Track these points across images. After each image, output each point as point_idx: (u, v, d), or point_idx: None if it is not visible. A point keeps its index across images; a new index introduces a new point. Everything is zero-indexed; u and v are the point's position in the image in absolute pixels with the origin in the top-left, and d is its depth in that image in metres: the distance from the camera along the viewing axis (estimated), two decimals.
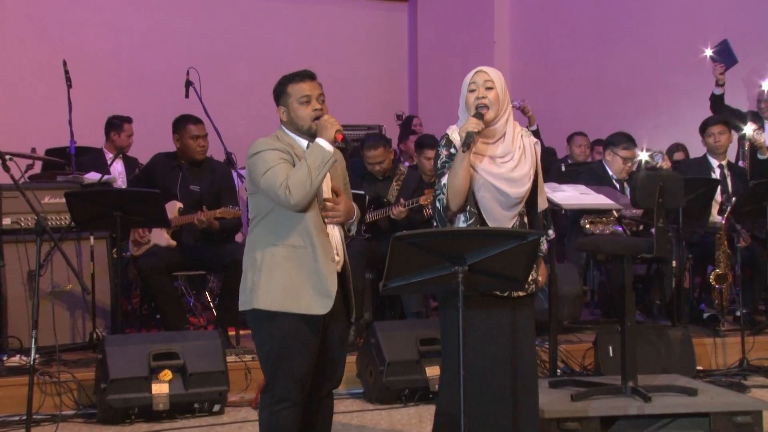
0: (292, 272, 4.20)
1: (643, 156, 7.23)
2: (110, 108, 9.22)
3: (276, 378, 4.25)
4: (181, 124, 7.34)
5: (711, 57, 9.59)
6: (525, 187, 4.35)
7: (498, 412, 4.40)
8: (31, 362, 4.97)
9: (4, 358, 6.54)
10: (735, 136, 8.37)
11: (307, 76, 4.33)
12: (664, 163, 7.14)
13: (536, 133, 8.03)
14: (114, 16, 11.92)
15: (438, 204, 4.38)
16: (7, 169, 5.33)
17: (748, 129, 7.77)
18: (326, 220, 4.26)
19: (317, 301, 4.18)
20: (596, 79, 11.82)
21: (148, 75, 11.28)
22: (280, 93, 4.35)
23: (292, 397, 4.24)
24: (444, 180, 4.31)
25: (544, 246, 4.49)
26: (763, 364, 7.08)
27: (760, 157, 7.77)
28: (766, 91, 9.54)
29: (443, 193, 4.31)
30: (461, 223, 4.37)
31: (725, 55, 9.78)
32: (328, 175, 4.30)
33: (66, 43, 10.52)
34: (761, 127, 8.06)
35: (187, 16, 12.35)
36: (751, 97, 9.78)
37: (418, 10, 13.84)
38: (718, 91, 8.91)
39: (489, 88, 4.30)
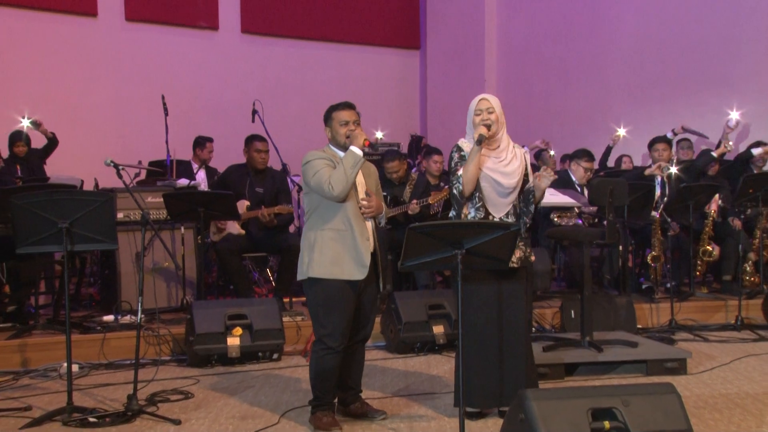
0: (337, 249, 4.30)
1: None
2: (196, 130, 9.25)
3: (324, 330, 4.33)
4: (249, 141, 7.40)
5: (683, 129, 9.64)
6: (515, 179, 4.45)
7: (491, 361, 4.45)
8: (138, 320, 4.99)
9: (119, 317, 6.62)
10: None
11: (347, 105, 4.44)
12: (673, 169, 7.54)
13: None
14: (199, 60, 11.96)
15: (455, 191, 4.50)
16: (120, 176, 5.36)
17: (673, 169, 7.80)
18: (363, 213, 4.34)
19: (356, 270, 4.28)
20: (563, 107, 11.79)
21: (224, 106, 11.32)
22: (327, 117, 4.48)
23: (335, 346, 4.31)
24: (460, 172, 4.44)
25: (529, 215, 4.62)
26: (686, 323, 7.08)
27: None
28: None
29: (459, 182, 4.44)
30: (471, 207, 4.50)
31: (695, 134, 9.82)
32: (364, 180, 4.42)
33: (163, 81, 10.55)
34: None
35: (254, 60, 12.37)
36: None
37: (427, 56, 13.84)
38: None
39: (491, 112, 4.44)
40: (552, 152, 10.39)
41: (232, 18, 12.35)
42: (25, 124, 8.93)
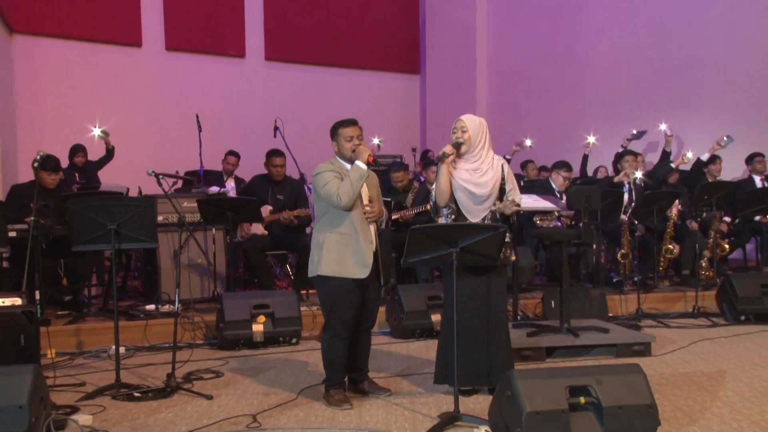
0: (342, 250, 4.30)
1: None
2: (226, 145, 9.26)
3: (331, 321, 4.35)
4: (268, 156, 7.44)
5: (633, 134, 9.68)
6: (488, 189, 4.42)
7: (480, 344, 4.44)
8: (176, 309, 5.00)
9: (159, 306, 6.64)
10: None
11: (351, 122, 4.44)
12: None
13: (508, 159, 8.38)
14: (228, 84, 11.99)
15: (431, 201, 4.56)
16: (160, 185, 5.38)
17: (639, 173, 7.83)
18: (366, 218, 4.34)
19: (359, 269, 4.28)
20: (545, 123, 11.78)
21: (250, 123, 11.32)
22: (333, 132, 4.47)
23: (342, 333, 4.33)
24: (433, 186, 4.49)
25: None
26: (651, 312, 7.06)
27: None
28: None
29: (432, 194, 4.51)
30: (444, 214, 4.50)
31: (639, 136, 9.85)
32: (366, 188, 4.41)
33: (197, 102, 10.55)
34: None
35: (275, 83, 12.39)
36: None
37: (426, 79, 13.85)
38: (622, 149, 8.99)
39: (464, 131, 4.42)
40: (528, 143, 10.50)
41: (257, 47, 12.38)
42: (96, 132, 8.95)
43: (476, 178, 4.41)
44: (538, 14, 12.25)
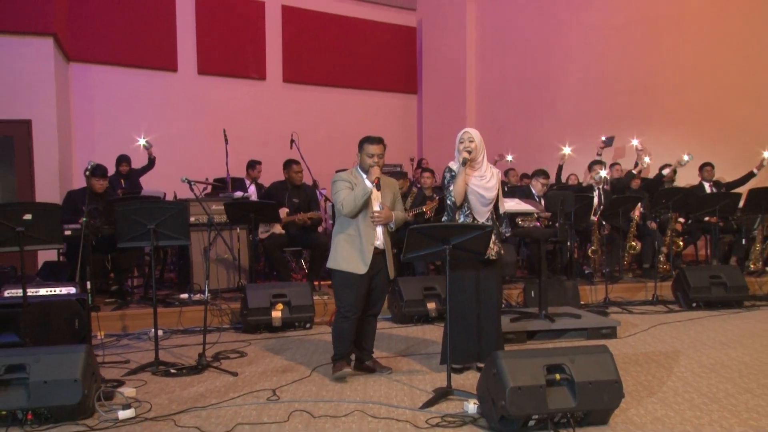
0: (348, 248, 4.32)
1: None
2: (248, 155, 9.27)
3: (341, 304, 4.36)
4: (288, 165, 7.39)
5: (603, 141, 9.65)
6: (493, 193, 4.46)
7: (471, 329, 4.45)
8: (206, 298, 5.02)
9: (191, 295, 6.64)
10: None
11: (377, 140, 4.39)
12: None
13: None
14: (251, 102, 11.97)
15: (449, 201, 4.50)
16: (192, 190, 5.38)
17: (603, 173, 7.83)
18: (373, 222, 4.33)
19: (359, 266, 4.30)
20: (525, 138, 11.77)
21: (269, 136, 11.31)
22: (360, 146, 4.42)
23: (349, 315, 4.34)
24: (451, 188, 4.44)
25: (508, 233, 4.65)
26: (617, 300, 7.07)
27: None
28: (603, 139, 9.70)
29: (451, 195, 4.44)
30: (461, 215, 4.49)
31: (609, 141, 9.83)
32: (380, 195, 4.36)
33: (224, 118, 10.55)
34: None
35: (292, 102, 12.37)
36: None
37: (422, 99, 13.84)
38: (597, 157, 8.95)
39: (471, 141, 4.41)
40: (509, 158, 10.47)
41: (276, 71, 12.37)
42: (141, 142, 8.95)
43: (484, 183, 4.43)
44: (518, 44, 12.24)
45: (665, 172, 8.67)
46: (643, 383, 4.26)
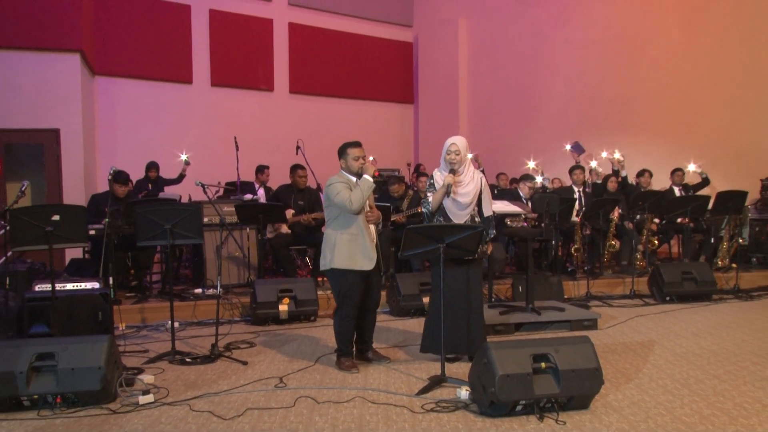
0: (352, 247, 4.26)
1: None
2: (257, 160, 9.24)
3: (342, 304, 4.33)
4: (294, 169, 7.41)
5: (570, 149, 9.64)
6: (469, 198, 4.41)
7: (460, 321, 4.44)
8: (218, 292, 5.01)
9: (205, 290, 6.64)
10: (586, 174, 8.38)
11: (357, 144, 4.38)
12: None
13: (483, 171, 8.22)
14: (260, 111, 11.97)
15: (424, 209, 4.51)
16: (206, 193, 5.38)
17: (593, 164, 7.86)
18: (368, 221, 4.32)
19: (366, 262, 4.26)
20: (513, 145, 11.76)
21: (277, 143, 11.25)
22: (341, 151, 4.40)
23: (350, 314, 4.31)
24: (429, 197, 4.44)
25: (493, 234, 4.57)
26: (598, 294, 7.07)
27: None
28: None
29: (428, 204, 4.45)
30: (438, 217, 4.47)
31: (577, 147, 9.81)
32: (371, 199, 4.36)
33: (235, 126, 10.56)
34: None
35: (298, 111, 12.35)
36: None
37: (419, 108, 13.83)
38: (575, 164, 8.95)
39: (457, 153, 4.37)
40: (481, 168, 10.34)
41: (283, 82, 12.35)
42: (183, 158, 8.90)
43: (460, 189, 4.40)
44: (507, 58, 12.24)
45: (641, 179, 8.67)
46: (621, 370, 4.27)
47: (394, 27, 13.71)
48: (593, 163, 7.73)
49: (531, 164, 9.99)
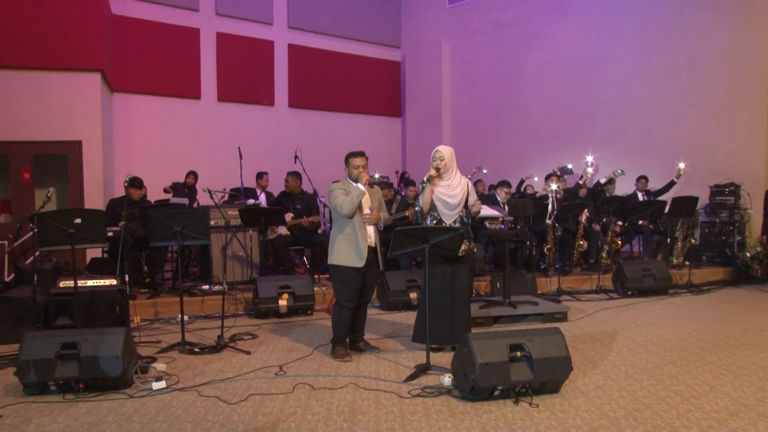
0: (346, 246, 4.28)
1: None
2: (259, 168, 9.21)
3: (340, 295, 4.32)
4: (289, 176, 7.39)
5: (559, 173, 9.56)
6: (457, 199, 4.43)
7: (445, 315, 4.45)
8: (224, 288, 5.01)
9: (211, 286, 6.59)
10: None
11: (360, 154, 4.37)
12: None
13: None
14: (262, 124, 11.91)
15: (417, 208, 4.51)
16: (212, 198, 5.37)
17: (554, 186, 7.84)
18: (365, 222, 4.32)
19: (357, 260, 4.26)
20: (493, 155, 11.81)
21: (277, 152, 11.27)
22: (346, 160, 4.39)
23: (347, 305, 4.30)
24: (420, 198, 4.44)
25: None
26: (568, 290, 7.09)
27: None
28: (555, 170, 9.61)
29: (420, 204, 4.45)
30: (429, 218, 4.47)
31: (565, 171, 9.80)
32: (369, 200, 4.36)
33: (239, 138, 10.56)
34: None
35: (296, 124, 12.30)
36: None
37: (406, 121, 13.82)
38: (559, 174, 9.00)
39: (441, 159, 4.40)
40: (484, 171, 10.40)
41: (282, 97, 12.30)
42: (205, 189, 8.80)
43: (449, 191, 4.43)
44: (488, 73, 12.27)
45: (602, 180, 8.75)
46: (588, 358, 4.30)
47: (384, 48, 13.73)
48: (553, 186, 7.74)
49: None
